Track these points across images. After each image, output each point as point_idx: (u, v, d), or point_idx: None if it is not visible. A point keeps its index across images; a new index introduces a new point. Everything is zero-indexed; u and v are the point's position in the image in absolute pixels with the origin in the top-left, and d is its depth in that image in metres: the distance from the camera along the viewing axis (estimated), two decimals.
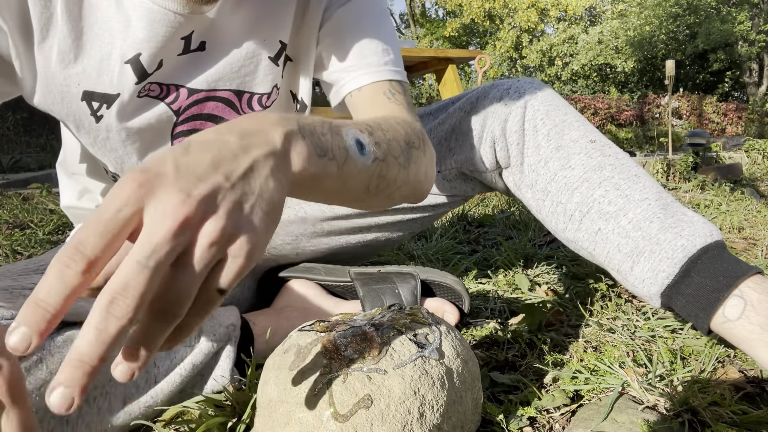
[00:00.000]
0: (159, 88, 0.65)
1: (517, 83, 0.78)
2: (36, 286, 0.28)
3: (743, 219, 1.63)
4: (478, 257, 1.25)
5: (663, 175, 2.85)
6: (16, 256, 1.39)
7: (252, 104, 0.72)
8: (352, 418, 0.43)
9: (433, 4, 21.10)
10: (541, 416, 0.58)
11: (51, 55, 0.59)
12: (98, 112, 0.62)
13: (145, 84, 0.63)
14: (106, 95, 0.62)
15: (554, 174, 0.74)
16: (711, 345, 0.72)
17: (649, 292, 0.69)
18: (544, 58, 16.79)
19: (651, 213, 0.70)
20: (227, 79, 0.68)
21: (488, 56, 2.73)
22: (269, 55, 0.70)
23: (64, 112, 0.63)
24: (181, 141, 0.66)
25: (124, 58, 0.61)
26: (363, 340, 0.48)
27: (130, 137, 0.66)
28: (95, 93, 0.61)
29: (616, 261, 0.72)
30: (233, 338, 0.65)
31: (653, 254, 0.68)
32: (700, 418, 0.54)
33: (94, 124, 0.64)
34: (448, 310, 0.79)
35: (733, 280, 0.64)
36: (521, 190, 0.79)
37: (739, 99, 16.47)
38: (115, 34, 0.60)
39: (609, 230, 0.71)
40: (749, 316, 0.62)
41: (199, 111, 0.69)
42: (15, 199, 2.19)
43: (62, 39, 0.58)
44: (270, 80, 0.71)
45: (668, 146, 3.95)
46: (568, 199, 0.74)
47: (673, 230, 0.69)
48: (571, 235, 0.75)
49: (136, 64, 0.61)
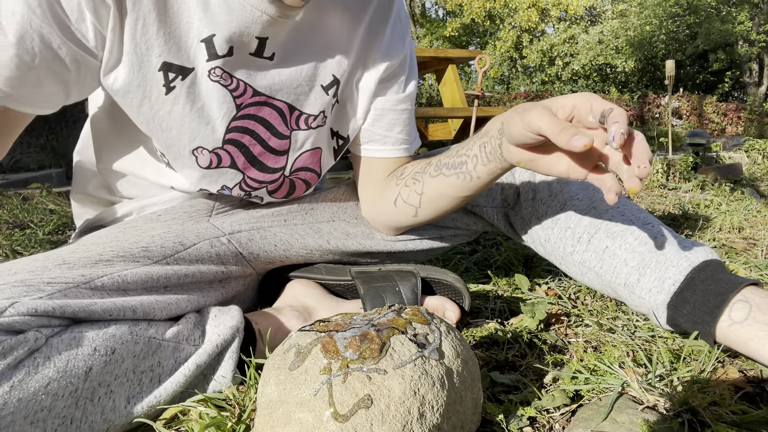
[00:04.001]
0: (230, 78, 0.69)
1: None
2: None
3: (743, 219, 1.63)
4: (478, 257, 1.25)
5: (663, 175, 2.85)
6: (16, 256, 1.39)
7: (299, 122, 0.77)
8: (352, 418, 0.44)
9: (433, 4, 21.12)
10: (541, 416, 0.58)
11: (137, 27, 0.62)
12: (172, 83, 0.66)
13: (215, 67, 0.67)
14: (183, 68, 0.66)
15: (563, 204, 0.83)
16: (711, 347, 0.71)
17: (655, 302, 0.73)
18: (545, 58, 16.78)
19: (655, 232, 0.77)
20: (286, 91, 0.73)
21: (488, 56, 2.72)
22: (322, 83, 0.76)
23: (136, 83, 0.65)
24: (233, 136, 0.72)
25: (200, 36, 0.65)
26: (363, 340, 0.48)
27: (192, 114, 0.69)
28: (173, 65, 0.65)
29: (623, 275, 0.77)
30: (237, 339, 0.66)
31: (659, 264, 0.74)
32: (700, 418, 0.54)
33: (163, 96, 0.67)
34: (449, 308, 0.79)
35: (736, 286, 0.69)
36: (530, 224, 0.86)
37: (739, 99, 16.47)
38: (192, 13, 0.64)
39: (616, 247, 0.78)
40: (756, 317, 0.65)
41: (256, 112, 0.73)
42: (15, 199, 2.19)
43: (147, 12, 0.61)
44: (319, 105, 0.77)
45: (668, 146, 3.95)
46: (577, 223, 0.81)
47: (677, 245, 0.75)
48: (579, 257, 0.81)
49: (209, 44, 0.66)
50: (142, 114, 0.68)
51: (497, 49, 17.19)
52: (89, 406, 0.53)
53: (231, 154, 0.74)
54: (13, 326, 0.49)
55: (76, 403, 0.51)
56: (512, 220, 0.89)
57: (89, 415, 0.53)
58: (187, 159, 0.73)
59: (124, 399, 0.56)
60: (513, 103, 8.62)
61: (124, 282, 0.63)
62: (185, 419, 0.57)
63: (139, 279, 0.65)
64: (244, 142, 0.74)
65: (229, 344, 0.65)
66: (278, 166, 0.79)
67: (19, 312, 0.50)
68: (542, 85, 16.45)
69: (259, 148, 0.75)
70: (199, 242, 0.76)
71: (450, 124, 3.89)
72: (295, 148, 0.78)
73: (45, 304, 0.52)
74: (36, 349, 0.50)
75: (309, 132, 0.78)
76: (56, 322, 0.53)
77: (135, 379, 0.57)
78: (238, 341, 0.66)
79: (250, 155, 0.75)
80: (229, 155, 0.74)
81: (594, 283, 0.82)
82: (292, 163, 0.80)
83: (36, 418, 0.48)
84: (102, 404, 0.54)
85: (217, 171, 0.75)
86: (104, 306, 0.57)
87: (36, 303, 0.51)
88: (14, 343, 0.48)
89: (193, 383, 0.62)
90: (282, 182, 0.81)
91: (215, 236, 0.79)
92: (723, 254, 1.24)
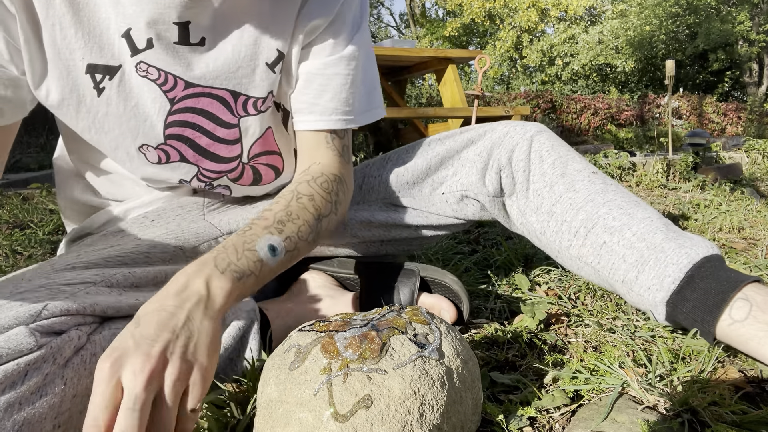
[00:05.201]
0: (158, 72, 0.66)
1: (523, 123, 0.86)
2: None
3: (743, 219, 1.63)
4: (478, 257, 1.25)
5: (663, 175, 2.85)
6: (16, 256, 1.39)
7: (247, 107, 0.73)
8: (352, 418, 0.44)
9: (433, 4, 21.12)
10: (541, 416, 0.58)
11: (55, 33, 0.60)
12: (101, 84, 0.64)
13: (139, 62, 0.65)
14: (108, 67, 0.64)
15: (559, 196, 0.79)
16: (711, 345, 0.71)
17: (654, 300, 0.72)
18: (545, 58, 16.78)
19: (654, 227, 0.74)
20: (224, 78, 0.69)
21: (488, 56, 2.73)
22: (266, 61, 0.71)
23: (68, 89, 0.64)
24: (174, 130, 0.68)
25: (120, 31, 0.63)
26: (363, 340, 0.48)
27: (127, 113, 0.67)
28: (98, 65, 0.64)
29: (621, 272, 0.75)
30: (255, 320, 0.69)
31: (658, 261, 0.72)
32: (700, 418, 0.54)
33: (96, 99, 0.65)
34: (445, 307, 0.79)
35: (736, 284, 0.67)
36: (525, 215, 0.84)
37: (739, 99, 16.46)
38: (108, 8, 0.62)
39: (614, 242, 0.75)
40: (756, 316, 0.64)
41: (194, 105, 0.70)
42: (15, 199, 2.19)
43: (62, 15, 0.60)
44: (266, 86, 0.72)
45: (668, 146, 3.95)
46: (573, 217, 0.78)
47: (676, 241, 0.72)
48: (575, 252, 0.79)
49: (128, 38, 0.63)
50: (81, 121, 0.67)
51: (497, 49, 17.19)
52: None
53: (177, 148, 0.72)
54: (53, 327, 0.49)
55: None
56: (509, 210, 0.86)
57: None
58: (137, 159, 0.72)
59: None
60: (513, 103, 8.62)
61: (137, 279, 0.64)
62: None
63: (149, 276, 0.66)
64: (188, 135, 0.71)
65: (250, 327, 0.68)
66: (234, 154, 0.76)
67: (53, 313, 0.50)
68: (542, 85, 16.44)
69: (205, 139, 0.73)
70: (199, 245, 0.76)
71: (450, 124, 3.89)
72: (247, 134, 0.75)
73: (76, 304, 0.52)
74: (81, 347, 0.51)
75: (259, 116, 0.74)
76: (90, 320, 0.54)
77: None
78: (258, 323, 0.69)
79: (199, 148, 0.73)
80: (176, 150, 0.72)
81: (591, 277, 0.81)
82: (248, 150, 0.77)
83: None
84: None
85: (169, 165, 0.73)
86: (129, 302, 0.58)
87: (67, 303, 0.52)
88: (60, 343, 0.49)
89: (221, 368, 0.65)
90: (242, 170, 0.79)
91: (213, 237, 0.79)
92: (723, 254, 1.24)
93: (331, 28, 0.73)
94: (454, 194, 0.86)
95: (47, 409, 0.47)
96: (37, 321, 0.48)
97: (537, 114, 8.46)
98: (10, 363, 0.45)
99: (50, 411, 0.47)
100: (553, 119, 8.57)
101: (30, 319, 0.48)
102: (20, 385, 0.45)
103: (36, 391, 0.46)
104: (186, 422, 0.46)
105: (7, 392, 0.44)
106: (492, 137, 0.84)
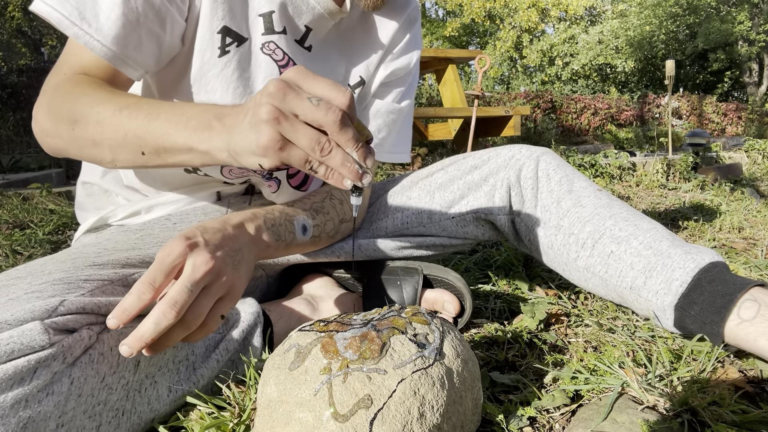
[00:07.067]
0: (283, 55, 0.74)
1: (528, 146, 0.91)
2: (123, 300, 0.49)
3: (743, 219, 1.63)
4: (478, 257, 1.25)
5: (663, 175, 2.85)
6: (16, 256, 1.39)
7: None
8: (352, 418, 0.44)
9: (433, 4, 21.12)
10: (541, 416, 0.58)
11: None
12: (227, 47, 0.71)
13: (269, 41, 0.73)
14: (240, 35, 0.71)
15: (567, 211, 0.83)
16: (711, 345, 0.72)
17: (662, 304, 0.73)
18: (545, 58, 16.79)
19: (660, 236, 0.78)
20: None
21: (488, 56, 2.73)
22: (350, 83, 0.82)
23: (200, 35, 0.69)
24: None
25: (259, 11, 0.72)
26: (363, 341, 0.48)
27: (238, 81, 0.73)
28: (232, 30, 0.70)
29: (629, 278, 0.77)
30: (259, 323, 0.70)
31: (666, 267, 0.74)
32: (700, 418, 0.54)
33: (215, 58, 0.70)
34: (448, 299, 0.80)
35: (743, 286, 0.69)
36: (533, 231, 0.87)
37: (739, 99, 16.47)
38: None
39: (621, 251, 0.78)
40: (765, 314, 0.66)
41: None
42: (15, 199, 2.19)
43: None
44: None
45: (668, 146, 3.95)
46: (581, 229, 0.82)
47: (682, 248, 0.76)
48: (583, 263, 0.82)
49: (267, 19, 0.72)
50: (193, 67, 0.71)
51: (497, 49, 17.19)
52: (137, 398, 0.55)
53: None
54: (66, 325, 0.50)
55: (127, 395, 0.54)
56: (517, 227, 0.89)
57: (138, 406, 0.55)
58: None
59: (166, 388, 0.58)
60: (513, 103, 8.62)
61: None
62: (186, 419, 0.57)
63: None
64: None
65: (254, 329, 0.69)
66: None
67: (69, 310, 0.50)
68: (542, 85, 16.45)
69: None
70: None
71: (450, 124, 3.89)
72: None
73: (91, 301, 0.53)
74: (90, 346, 0.51)
75: None
76: (102, 319, 0.54)
77: (174, 368, 0.60)
78: (261, 324, 0.70)
79: None
80: None
81: (598, 288, 0.82)
82: None
83: (94, 412, 0.50)
84: (148, 395, 0.56)
85: None
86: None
87: (83, 301, 0.52)
88: (71, 342, 0.49)
89: (223, 369, 0.65)
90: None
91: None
92: (723, 254, 1.24)
93: (405, 78, 0.87)
94: (464, 217, 0.89)
95: (52, 407, 0.47)
96: (52, 317, 0.49)
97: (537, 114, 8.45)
98: (21, 359, 0.45)
99: (55, 410, 0.47)
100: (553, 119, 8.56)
101: (45, 314, 0.48)
102: (28, 382, 0.45)
103: (43, 389, 0.46)
104: (210, 321, 0.53)
105: (15, 388, 0.44)
106: (498, 161, 0.88)
